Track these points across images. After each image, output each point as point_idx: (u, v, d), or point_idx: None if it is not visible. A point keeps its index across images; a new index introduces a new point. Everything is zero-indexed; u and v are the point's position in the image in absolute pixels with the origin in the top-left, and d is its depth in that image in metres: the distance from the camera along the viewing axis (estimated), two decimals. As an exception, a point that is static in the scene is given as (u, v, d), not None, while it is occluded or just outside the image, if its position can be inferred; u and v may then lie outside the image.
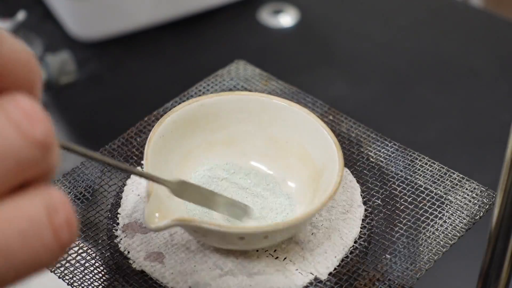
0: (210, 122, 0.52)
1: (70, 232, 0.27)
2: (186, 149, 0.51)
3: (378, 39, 0.92)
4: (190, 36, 0.92)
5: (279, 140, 0.53)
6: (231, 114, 0.52)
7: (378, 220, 0.50)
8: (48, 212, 0.27)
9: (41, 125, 0.27)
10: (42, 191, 0.27)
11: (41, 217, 0.27)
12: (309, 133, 0.51)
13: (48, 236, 0.27)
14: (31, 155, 0.26)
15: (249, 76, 0.61)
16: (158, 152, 0.48)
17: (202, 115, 0.52)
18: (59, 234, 0.27)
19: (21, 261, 0.26)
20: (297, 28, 0.93)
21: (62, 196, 0.27)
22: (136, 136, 0.56)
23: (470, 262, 0.62)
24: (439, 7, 0.98)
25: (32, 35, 0.85)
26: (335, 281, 0.47)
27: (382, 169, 0.53)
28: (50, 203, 0.27)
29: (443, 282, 0.64)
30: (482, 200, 0.51)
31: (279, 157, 0.53)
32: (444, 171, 0.53)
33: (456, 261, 0.63)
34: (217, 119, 0.52)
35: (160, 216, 0.43)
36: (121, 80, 0.87)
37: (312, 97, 0.59)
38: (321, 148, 0.50)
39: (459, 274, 0.64)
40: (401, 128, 0.79)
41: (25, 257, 0.26)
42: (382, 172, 0.53)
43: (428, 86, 0.85)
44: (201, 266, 0.47)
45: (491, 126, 0.80)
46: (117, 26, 0.89)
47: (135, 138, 0.56)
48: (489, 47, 0.91)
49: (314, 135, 0.51)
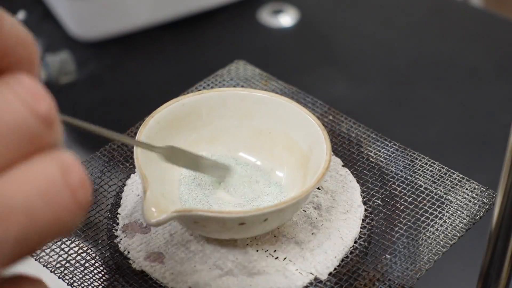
0: (193, 121, 0.53)
1: (86, 193, 0.27)
2: None
3: (378, 39, 0.92)
4: (190, 36, 0.92)
5: (263, 131, 0.53)
6: (212, 111, 0.53)
7: (378, 220, 0.50)
8: (62, 173, 0.27)
9: (45, 101, 0.27)
10: (53, 153, 0.28)
11: (57, 177, 0.27)
12: (291, 120, 0.52)
13: (66, 196, 0.27)
14: (38, 128, 0.27)
15: (249, 76, 0.61)
16: (147, 153, 0.48)
17: (184, 114, 0.52)
18: (76, 194, 0.27)
19: (44, 222, 0.26)
20: (297, 28, 0.93)
21: (72, 158, 0.28)
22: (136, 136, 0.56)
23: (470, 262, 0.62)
24: (439, 7, 0.98)
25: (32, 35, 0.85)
26: (335, 281, 0.47)
27: (382, 169, 0.53)
28: (63, 164, 0.27)
29: (443, 282, 0.64)
30: (482, 200, 0.51)
31: (264, 148, 0.53)
32: (444, 171, 0.53)
33: (456, 261, 0.63)
34: (200, 117, 0.53)
35: (157, 211, 0.43)
36: (121, 80, 0.87)
37: (312, 97, 0.59)
38: (305, 132, 0.51)
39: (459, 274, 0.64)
40: (401, 128, 0.79)
41: (48, 217, 0.27)
42: (382, 172, 0.53)
43: (428, 86, 0.85)
44: (201, 266, 0.47)
45: (491, 126, 0.80)
46: (117, 26, 0.89)
47: (135, 138, 0.56)
48: (489, 47, 0.91)
49: (296, 121, 0.52)
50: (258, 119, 0.53)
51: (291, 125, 0.52)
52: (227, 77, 0.61)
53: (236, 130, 0.53)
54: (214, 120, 0.53)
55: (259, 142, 0.53)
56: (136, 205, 0.51)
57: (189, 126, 0.52)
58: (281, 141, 0.52)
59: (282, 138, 0.52)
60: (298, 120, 0.51)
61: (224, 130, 0.53)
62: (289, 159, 0.52)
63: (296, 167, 0.51)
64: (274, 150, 0.53)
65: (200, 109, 0.53)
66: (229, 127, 0.53)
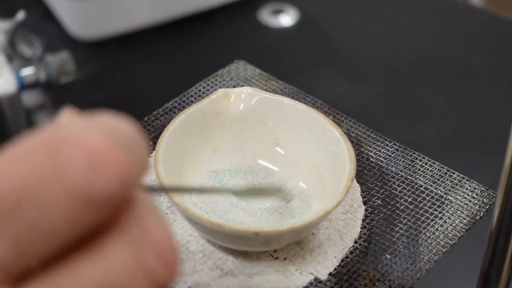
0: (198, 133, 0.52)
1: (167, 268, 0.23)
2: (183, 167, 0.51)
3: (378, 39, 0.92)
4: (190, 36, 0.92)
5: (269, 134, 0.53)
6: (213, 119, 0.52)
7: (378, 220, 0.50)
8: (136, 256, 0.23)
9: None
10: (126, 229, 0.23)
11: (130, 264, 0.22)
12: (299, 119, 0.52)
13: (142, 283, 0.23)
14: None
15: (249, 76, 0.61)
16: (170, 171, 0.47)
17: (187, 131, 0.51)
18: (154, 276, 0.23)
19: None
20: (297, 28, 0.93)
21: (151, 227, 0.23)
22: (136, 136, 0.56)
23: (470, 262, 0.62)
24: (439, 7, 0.98)
25: (32, 35, 0.85)
26: (335, 281, 0.46)
27: (382, 169, 0.53)
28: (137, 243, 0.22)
29: (443, 282, 0.64)
30: (482, 200, 0.51)
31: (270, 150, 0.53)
32: (444, 171, 0.53)
33: (456, 261, 0.63)
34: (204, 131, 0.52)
35: None
36: (121, 80, 0.87)
37: (312, 97, 0.59)
38: (316, 131, 0.51)
39: (459, 274, 0.64)
40: (401, 128, 0.79)
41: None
42: (382, 172, 0.53)
43: (428, 86, 0.85)
44: (201, 266, 0.47)
45: (491, 126, 0.79)
46: (117, 26, 0.89)
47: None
48: (489, 47, 0.91)
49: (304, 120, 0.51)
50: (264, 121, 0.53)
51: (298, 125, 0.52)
52: (227, 77, 0.61)
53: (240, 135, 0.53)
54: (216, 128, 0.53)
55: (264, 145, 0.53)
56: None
57: (196, 140, 0.52)
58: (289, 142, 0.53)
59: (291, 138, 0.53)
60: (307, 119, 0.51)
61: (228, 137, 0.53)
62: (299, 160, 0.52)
63: (309, 168, 0.51)
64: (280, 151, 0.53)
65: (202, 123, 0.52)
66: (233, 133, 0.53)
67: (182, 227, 0.49)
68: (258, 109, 0.53)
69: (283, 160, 0.53)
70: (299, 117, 0.52)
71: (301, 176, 0.51)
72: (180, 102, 0.59)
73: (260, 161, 0.53)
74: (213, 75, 0.61)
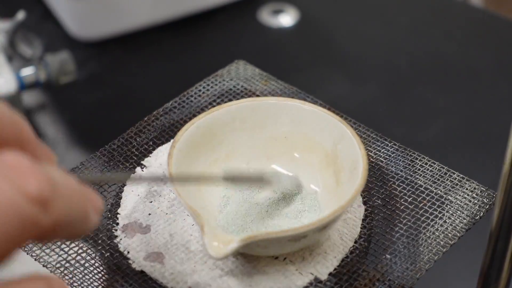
0: (209, 141, 0.52)
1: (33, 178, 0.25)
2: None
3: (378, 39, 0.92)
4: (190, 36, 0.92)
5: (278, 138, 0.53)
6: (224, 127, 0.52)
7: (378, 220, 0.50)
8: None
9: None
10: None
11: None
12: (308, 120, 0.52)
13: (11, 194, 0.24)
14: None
15: (249, 76, 0.61)
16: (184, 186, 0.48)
17: (199, 137, 0.51)
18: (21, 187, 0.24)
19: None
20: (297, 28, 0.93)
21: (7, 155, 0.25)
22: (136, 136, 0.56)
23: (470, 262, 0.62)
24: (439, 7, 0.98)
25: (31, 35, 0.85)
26: (335, 281, 0.46)
27: (382, 169, 0.53)
28: None
29: (443, 282, 0.64)
30: (482, 200, 0.51)
31: (285, 153, 0.53)
32: (444, 171, 0.53)
33: (456, 261, 0.63)
34: (214, 137, 0.52)
35: (220, 243, 0.43)
36: (121, 80, 0.87)
37: (312, 97, 0.59)
38: (326, 130, 0.51)
39: (459, 274, 0.64)
40: (401, 128, 0.79)
41: None
42: (382, 172, 0.53)
43: (428, 86, 0.85)
44: (201, 266, 0.47)
45: (491, 126, 0.79)
46: (117, 26, 0.89)
47: (135, 138, 0.56)
48: (489, 47, 0.91)
49: (313, 120, 0.51)
50: (271, 126, 0.53)
51: (308, 126, 0.52)
52: (227, 77, 0.61)
53: (251, 141, 0.53)
54: (228, 136, 0.52)
55: (275, 149, 0.53)
56: (136, 205, 0.51)
57: (206, 148, 0.52)
58: (299, 144, 0.52)
59: (300, 140, 0.52)
60: (315, 119, 0.51)
61: (239, 143, 0.53)
62: (312, 160, 0.52)
63: (323, 167, 0.51)
64: (294, 153, 0.53)
65: (212, 128, 0.52)
66: (244, 139, 0.53)
67: (182, 227, 0.49)
68: (272, 114, 0.53)
69: (296, 164, 0.52)
70: (315, 121, 0.52)
71: (315, 179, 0.51)
72: (180, 102, 0.59)
73: (274, 165, 0.53)
74: (213, 75, 0.61)
